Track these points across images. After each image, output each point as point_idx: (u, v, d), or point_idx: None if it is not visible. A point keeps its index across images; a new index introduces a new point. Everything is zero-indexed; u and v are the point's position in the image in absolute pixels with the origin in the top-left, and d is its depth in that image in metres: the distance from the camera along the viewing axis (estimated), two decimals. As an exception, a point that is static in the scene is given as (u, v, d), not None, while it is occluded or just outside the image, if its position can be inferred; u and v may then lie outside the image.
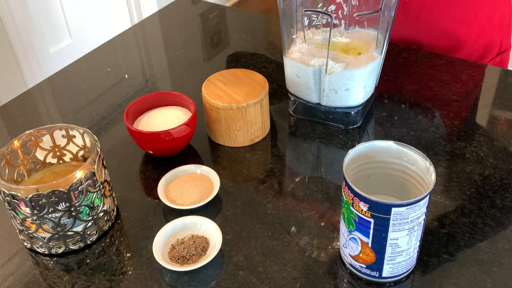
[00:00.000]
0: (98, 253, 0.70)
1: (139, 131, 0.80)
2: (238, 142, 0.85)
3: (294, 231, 0.71)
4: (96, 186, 0.68)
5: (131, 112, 0.84)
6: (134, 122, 0.85)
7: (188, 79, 1.05)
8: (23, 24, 2.23)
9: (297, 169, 0.82)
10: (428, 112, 0.90)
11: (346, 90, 0.84)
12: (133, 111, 0.85)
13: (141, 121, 0.85)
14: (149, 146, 0.82)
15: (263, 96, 0.84)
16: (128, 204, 0.76)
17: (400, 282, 0.64)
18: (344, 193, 0.60)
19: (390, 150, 0.63)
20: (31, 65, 2.31)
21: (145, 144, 0.82)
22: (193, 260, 0.66)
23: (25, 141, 0.73)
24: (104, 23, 2.66)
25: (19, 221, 0.66)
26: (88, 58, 1.14)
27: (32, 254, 0.70)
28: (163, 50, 1.17)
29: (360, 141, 0.86)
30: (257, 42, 1.17)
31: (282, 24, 0.85)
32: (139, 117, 0.86)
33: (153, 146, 0.82)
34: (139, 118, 0.86)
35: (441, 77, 0.98)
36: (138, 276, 0.66)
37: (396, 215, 0.56)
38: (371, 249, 0.60)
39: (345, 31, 0.89)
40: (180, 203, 0.74)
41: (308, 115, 0.90)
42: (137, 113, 0.86)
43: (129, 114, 0.83)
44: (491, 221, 0.70)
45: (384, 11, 0.80)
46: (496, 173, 0.77)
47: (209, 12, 1.31)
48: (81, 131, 0.73)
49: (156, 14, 1.31)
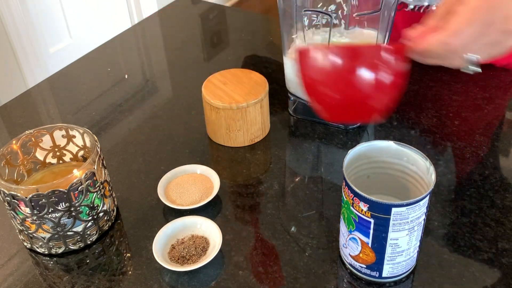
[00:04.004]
0: (98, 253, 0.70)
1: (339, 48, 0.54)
2: (238, 142, 0.85)
3: (294, 231, 0.71)
4: (96, 186, 0.68)
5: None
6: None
7: (188, 79, 1.05)
8: (23, 24, 2.23)
9: (297, 169, 0.82)
10: (428, 112, 0.90)
11: (346, 90, 0.83)
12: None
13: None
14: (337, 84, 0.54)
15: (263, 96, 0.84)
16: (128, 204, 0.76)
17: (400, 282, 0.64)
18: (344, 193, 0.60)
19: (390, 150, 0.63)
20: (31, 65, 2.31)
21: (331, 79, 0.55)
22: (193, 260, 0.66)
23: (25, 141, 0.73)
24: (104, 23, 2.66)
25: (19, 221, 0.66)
26: (88, 58, 1.14)
27: (32, 254, 0.70)
28: (163, 50, 1.17)
29: (360, 141, 0.86)
30: (257, 42, 1.17)
31: (282, 24, 0.85)
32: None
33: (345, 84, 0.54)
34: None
35: (441, 77, 0.98)
36: (138, 276, 0.66)
37: (396, 215, 0.56)
38: (371, 249, 0.60)
39: (345, 31, 0.89)
40: (180, 203, 0.74)
41: (308, 115, 0.90)
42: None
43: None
44: (491, 221, 0.70)
45: (384, 11, 0.80)
46: (496, 173, 0.77)
47: (209, 12, 1.31)
48: (81, 131, 0.73)
49: (156, 14, 1.31)
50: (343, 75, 0.54)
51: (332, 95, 0.55)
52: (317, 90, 0.55)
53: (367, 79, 0.55)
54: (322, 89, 0.55)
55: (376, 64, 0.55)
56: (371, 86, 0.55)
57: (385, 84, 0.55)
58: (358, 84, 0.54)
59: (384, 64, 0.55)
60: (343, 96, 0.55)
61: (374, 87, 0.55)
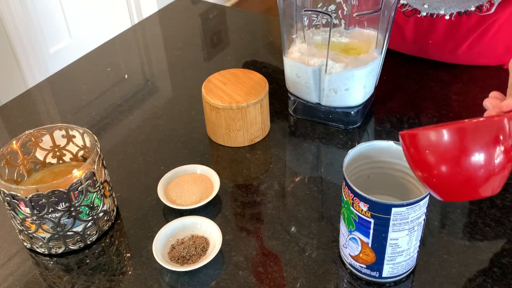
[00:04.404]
0: (98, 253, 0.70)
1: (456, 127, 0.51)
2: (238, 142, 0.85)
3: (294, 231, 0.71)
4: (96, 186, 0.68)
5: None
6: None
7: (188, 79, 1.05)
8: (23, 24, 2.23)
9: (297, 169, 0.82)
10: (428, 112, 0.90)
11: (345, 90, 0.83)
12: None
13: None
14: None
15: (263, 96, 0.84)
16: (128, 204, 0.76)
17: (400, 282, 0.63)
18: (344, 193, 0.60)
19: (390, 150, 0.63)
20: (31, 65, 2.31)
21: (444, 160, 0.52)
22: (193, 260, 0.66)
23: (25, 141, 0.73)
24: (104, 23, 2.66)
25: (19, 221, 0.66)
26: (88, 58, 1.14)
27: (32, 254, 0.70)
28: (163, 50, 1.17)
29: (360, 141, 0.86)
30: (257, 42, 1.17)
31: (282, 24, 0.85)
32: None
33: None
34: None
35: (441, 77, 0.98)
36: (138, 276, 0.66)
37: (396, 215, 0.56)
38: (371, 249, 0.60)
39: (345, 31, 0.89)
40: (180, 203, 0.74)
41: (308, 115, 0.90)
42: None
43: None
44: (491, 221, 0.70)
45: (384, 11, 0.80)
46: (496, 173, 0.77)
47: (209, 12, 1.31)
48: (81, 131, 0.73)
49: (156, 14, 1.31)
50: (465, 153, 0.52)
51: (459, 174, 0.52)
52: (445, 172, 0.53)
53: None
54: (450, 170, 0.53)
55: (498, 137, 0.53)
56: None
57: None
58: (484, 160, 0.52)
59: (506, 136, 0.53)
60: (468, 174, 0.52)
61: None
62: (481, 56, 0.98)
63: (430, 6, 0.92)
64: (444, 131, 0.52)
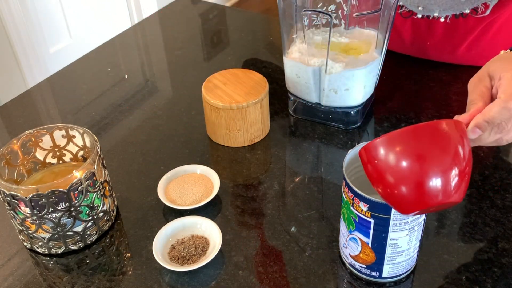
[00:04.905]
0: (98, 253, 0.70)
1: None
2: (238, 142, 0.85)
3: (294, 231, 0.71)
4: (96, 186, 0.68)
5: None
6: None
7: (188, 79, 1.05)
8: (23, 24, 2.23)
9: (297, 169, 0.82)
10: (428, 112, 0.90)
11: (345, 90, 0.83)
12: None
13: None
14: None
15: (263, 96, 0.84)
16: (128, 204, 0.76)
17: (400, 282, 0.63)
18: (344, 193, 0.60)
19: (390, 150, 0.63)
20: (31, 65, 2.31)
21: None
22: (193, 260, 0.66)
23: (25, 141, 0.73)
24: (104, 23, 2.66)
25: (19, 221, 0.66)
26: (88, 58, 1.14)
27: (32, 254, 0.70)
28: (163, 50, 1.17)
29: (360, 141, 0.86)
30: (257, 42, 1.17)
31: (282, 24, 0.85)
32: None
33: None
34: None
35: (441, 77, 0.98)
36: (138, 276, 0.66)
37: (396, 215, 0.56)
38: (371, 249, 0.60)
39: (345, 31, 0.89)
40: (180, 203, 0.74)
41: (308, 115, 0.90)
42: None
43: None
44: (491, 221, 0.70)
45: (384, 11, 0.80)
46: (496, 173, 0.77)
47: (209, 12, 1.31)
48: (81, 131, 0.73)
49: (156, 14, 1.31)
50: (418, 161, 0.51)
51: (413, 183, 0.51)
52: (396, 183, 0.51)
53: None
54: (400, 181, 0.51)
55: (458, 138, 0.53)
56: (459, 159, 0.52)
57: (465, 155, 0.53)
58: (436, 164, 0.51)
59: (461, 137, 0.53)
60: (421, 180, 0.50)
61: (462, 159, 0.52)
62: (480, 57, 0.98)
63: (425, 8, 0.92)
64: (378, 141, 0.52)
